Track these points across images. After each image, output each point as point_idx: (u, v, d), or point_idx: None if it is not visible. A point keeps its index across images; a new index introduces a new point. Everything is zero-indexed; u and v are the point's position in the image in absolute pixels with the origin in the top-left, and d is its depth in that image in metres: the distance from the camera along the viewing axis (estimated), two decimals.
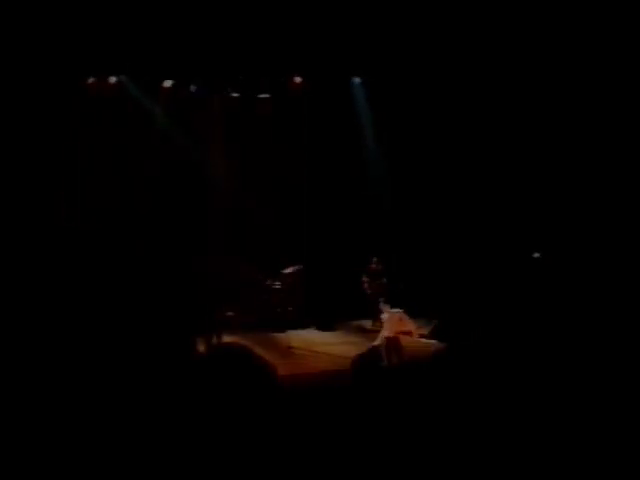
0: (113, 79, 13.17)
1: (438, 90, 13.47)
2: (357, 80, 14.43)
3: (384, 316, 10.18)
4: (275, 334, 12.70)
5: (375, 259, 13.43)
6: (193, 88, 13.86)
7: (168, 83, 13.58)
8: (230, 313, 12.91)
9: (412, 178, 14.25)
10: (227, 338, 11.47)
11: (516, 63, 12.48)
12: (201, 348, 10.09)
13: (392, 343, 9.36)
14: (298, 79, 14.00)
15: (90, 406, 4.44)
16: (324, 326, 13.18)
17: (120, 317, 9.83)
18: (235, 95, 14.25)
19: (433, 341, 11.42)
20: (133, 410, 3.64)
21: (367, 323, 13.17)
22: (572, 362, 3.86)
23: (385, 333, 9.60)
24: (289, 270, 13.72)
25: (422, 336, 12.13)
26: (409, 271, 13.64)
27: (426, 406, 3.09)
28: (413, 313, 13.32)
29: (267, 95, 14.31)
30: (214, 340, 11.16)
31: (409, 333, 9.84)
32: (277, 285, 13.60)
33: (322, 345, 11.51)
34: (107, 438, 3.39)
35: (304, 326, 13.18)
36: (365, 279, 13.30)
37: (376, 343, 9.50)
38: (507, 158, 13.16)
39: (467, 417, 3.04)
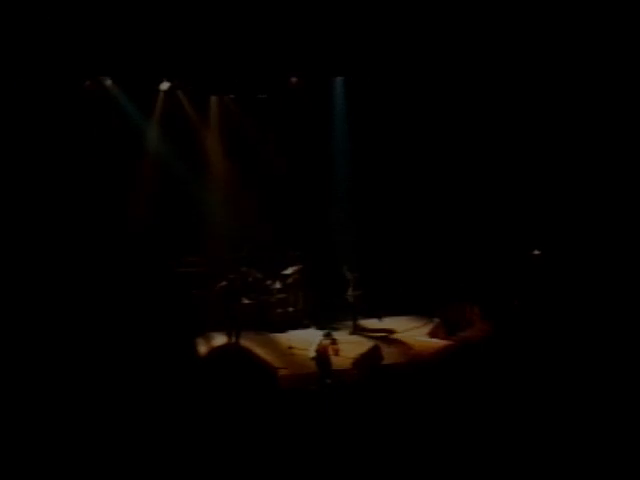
0: (109, 81, 13.18)
1: (432, 84, 13.50)
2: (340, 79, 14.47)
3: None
4: (275, 334, 12.69)
5: (345, 267, 13.06)
6: (189, 90, 13.90)
7: (165, 85, 13.60)
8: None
9: (410, 178, 14.26)
10: (225, 339, 11.50)
11: (501, 62, 12.49)
12: (202, 349, 10.08)
13: (322, 356, 9.69)
14: (294, 79, 14.02)
15: (90, 407, 4.43)
16: (324, 326, 13.13)
17: (120, 318, 9.83)
18: (231, 96, 14.29)
19: (434, 340, 11.45)
20: (134, 411, 3.64)
21: (367, 323, 13.16)
22: (572, 362, 3.86)
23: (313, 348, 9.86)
24: (289, 270, 13.70)
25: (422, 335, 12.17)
26: (408, 270, 13.62)
27: (428, 404, 3.09)
28: (413, 312, 13.42)
29: (263, 96, 14.31)
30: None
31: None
32: (277, 285, 13.60)
33: None
34: (107, 439, 3.39)
35: (304, 326, 13.16)
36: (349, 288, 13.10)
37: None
38: (503, 156, 13.16)
39: (468, 415, 3.03)
